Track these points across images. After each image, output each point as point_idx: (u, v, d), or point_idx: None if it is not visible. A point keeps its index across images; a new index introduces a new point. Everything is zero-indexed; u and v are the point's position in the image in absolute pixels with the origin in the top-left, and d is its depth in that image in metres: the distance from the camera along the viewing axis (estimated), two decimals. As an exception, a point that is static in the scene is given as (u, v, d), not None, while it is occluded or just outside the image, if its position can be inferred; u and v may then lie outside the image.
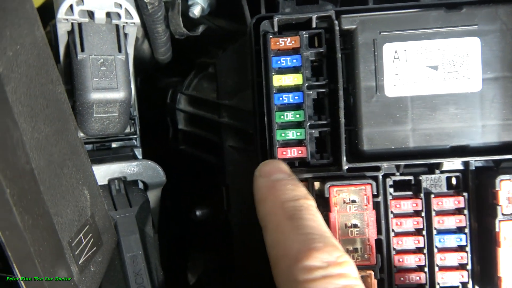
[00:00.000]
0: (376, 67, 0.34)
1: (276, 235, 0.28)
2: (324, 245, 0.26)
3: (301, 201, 0.30)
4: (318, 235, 0.27)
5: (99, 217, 0.30)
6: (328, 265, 0.25)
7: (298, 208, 0.29)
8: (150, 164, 0.38)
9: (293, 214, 0.28)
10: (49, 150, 0.24)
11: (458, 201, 0.34)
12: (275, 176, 0.32)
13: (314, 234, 0.27)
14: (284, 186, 0.31)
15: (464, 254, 0.34)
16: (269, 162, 0.34)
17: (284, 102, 0.35)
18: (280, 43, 0.35)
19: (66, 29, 0.34)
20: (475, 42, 0.34)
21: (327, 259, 0.26)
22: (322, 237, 0.27)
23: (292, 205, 0.29)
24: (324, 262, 0.25)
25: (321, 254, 0.26)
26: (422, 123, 0.34)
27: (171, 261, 0.65)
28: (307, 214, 0.29)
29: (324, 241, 0.27)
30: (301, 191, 0.31)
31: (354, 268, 0.26)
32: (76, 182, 0.27)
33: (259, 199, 0.31)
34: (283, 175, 0.32)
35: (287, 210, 0.29)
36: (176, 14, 0.41)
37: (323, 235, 0.27)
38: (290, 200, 0.30)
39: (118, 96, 0.35)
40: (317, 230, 0.28)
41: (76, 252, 0.27)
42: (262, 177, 0.32)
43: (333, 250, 0.26)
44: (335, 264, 0.26)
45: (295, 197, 0.30)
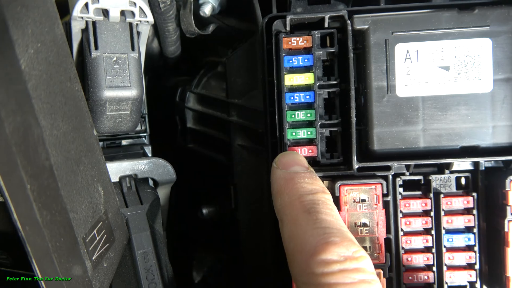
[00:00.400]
0: (388, 67, 0.34)
1: (293, 228, 0.28)
2: (341, 239, 0.26)
3: (319, 195, 0.30)
4: (335, 229, 0.27)
5: (112, 214, 0.30)
6: (345, 259, 0.26)
7: (316, 202, 0.29)
8: (161, 162, 0.38)
9: (311, 207, 0.28)
10: (67, 147, 0.24)
11: (467, 201, 0.35)
12: (293, 169, 0.32)
13: (332, 228, 0.27)
14: (302, 179, 0.31)
15: (472, 254, 0.35)
16: (288, 153, 0.34)
17: (295, 102, 0.35)
18: (292, 42, 0.35)
19: (80, 27, 0.34)
20: (487, 43, 0.34)
21: (344, 253, 0.26)
22: (339, 231, 0.27)
23: (310, 198, 0.29)
24: (341, 256, 0.26)
25: (338, 248, 0.26)
26: (433, 123, 0.34)
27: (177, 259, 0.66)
28: (324, 208, 0.29)
29: (341, 236, 0.27)
30: (318, 185, 0.31)
31: (370, 263, 0.27)
32: (91, 178, 0.27)
33: (277, 191, 0.31)
34: (301, 168, 0.32)
35: (305, 203, 0.29)
36: (188, 13, 0.42)
37: (340, 230, 0.27)
38: (308, 193, 0.30)
39: (131, 94, 0.35)
40: (334, 225, 0.28)
41: (90, 248, 0.27)
42: (280, 169, 0.32)
43: (350, 245, 0.26)
44: (352, 259, 0.26)
45: (313, 190, 0.30)
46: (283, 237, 0.29)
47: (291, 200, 0.29)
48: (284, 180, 0.31)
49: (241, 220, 0.47)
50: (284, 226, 0.29)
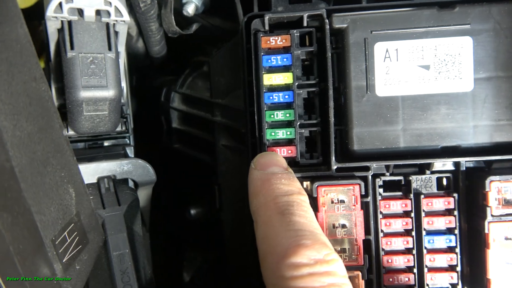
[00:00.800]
0: (367, 66, 0.34)
1: (266, 230, 0.28)
2: (312, 242, 0.26)
3: (294, 197, 0.29)
4: (308, 231, 0.27)
5: (85, 215, 0.30)
6: (315, 263, 0.25)
7: (290, 204, 0.29)
8: (140, 162, 0.38)
9: (285, 209, 0.28)
10: (32, 148, 0.24)
11: (448, 202, 0.34)
12: (270, 169, 0.32)
13: (304, 231, 0.27)
14: (278, 180, 0.30)
15: (454, 256, 0.34)
16: (266, 154, 0.33)
17: (274, 101, 0.35)
18: (270, 41, 0.35)
19: (56, 27, 0.34)
20: (467, 41, 0.33)
21: (315, 256, 0.25)
22: (312, 234, 0.27)
23: (284, 200, 0.29)
24: (311, 260, 0.25)
25: (309, 251, 0.25)
26: (413, 123, 0.34)
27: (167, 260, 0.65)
28: (298, 210, 0.28)
29: (313, 238, 0.26)
30: (295, 186, 0.31)
31: (341, 266, 0.26)
32: (61, 180, 0.27)
33: (252, 192, 0.31)
34: (279, 168, 0.32)
35: (279, 205, 0.29)
36: (169, 12, 0.41)
37: (312, 232, 0.27)
38: (283, 195, 0.29)
39: (108, 95, 0.35)
40: (307, 227, 0.27)
41: (60, 250, 0.27)
42: (257, 169, 0.32)
43: (321, 248, 0.26)
44: (323, 262, 0.25)
45: (289, 192, 0.30)
46: (257, 238, 0.29)
47: (266, 201, 0.29)
48: (261, 181, 0.30)
49: (225, 220, 0.47)
50: (258, 228, 0.29)
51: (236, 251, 0.45)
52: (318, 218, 0.33)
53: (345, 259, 0.33)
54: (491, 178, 0.32)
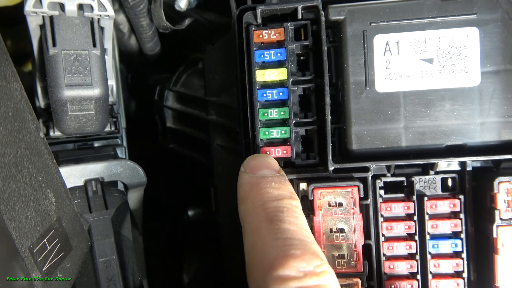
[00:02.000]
0: (366, 60, 0.32)
1: (253, 238, 0.26)
2: (302, 252, 0.24)
3: (284, 201, 0.27)
4: (298, 240, 0.25)
5: (67, 221, 0.29)
6: (304, 275, 0.23)
7: (280, 209, 0.27)
8: (130, 164, 0.36)
9: (274, 215, 0.26)
10: (3, 151, 0.22)
11: (453, 204, 0.32)
12: (261, 173, 0.30)
13: (294, 240, 0.25)
14: (268, 184, 0.28)
15: (460, 261, 0.32)
16: (257, 156, 0.31)
17: (268, 99, 0.33)
18: (263, 35, 0.33)
19: (38, 23, 0.32)
20: (473, 32, 0.31)
21: (304, 268, 0.23)
22: (302, 243, 0.25)
23: (274, 205, 0.27)
24: (300, 272, 0.23)
25: (298, 263, 0.23)
26: (415, 120, 0.32)
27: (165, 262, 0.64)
28: (288, 217, 0.26)
29: (303, 248, 0.24)
30: (286, 190, 0.28)
31: (333, 279, 0.24)
32: (38, 184, 0.25)
33: (241, 197, 0.29)
34: (270, 171, 0.30)
35: (268, 211, 0.27)
36: (158, 7, 0.40)
37: (303, 241, 0.25)
38: (273, 199, 0.27)
39: (93, 93, 0.33)
40: (297, 235, 0.25)
41: (39, 259, 0.26)
42: (247, 173, 0.30)
43: (311, 258, 0.24)
44: (313, 274, 0.23)
45: (279, 196, 0.28)
46: (245, 247, 0.27)
47: (254, 207, 0.27)
48: (250, 185, 0.29)
49: (221, 222, 0.45)
50: (246, 236, 0.27)
51: (233, 254, 0.44)
52: (314, 222, 0.31)
53: (343, 265, 0.31)
54: (500, 179, 0.30)
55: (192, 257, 0.62)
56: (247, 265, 0.26)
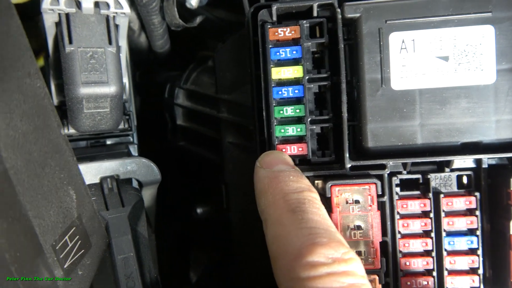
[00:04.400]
0: (382, 58, 0.32)
1: (277, 229, 0.26)
2: (329, 240, 0.24)
3: (305, 193, 0.28)
4: (323, 229, 0.25)
5: (87, 218, 0.29)
6: (333, 262, 0.23)
7: (302, 201, 0.27)
8: (144, 161, 0.36)
9: (296, 207, 0.26)
10: (28, 149, 0.22)
11: (469, 201, 0.32)
12: (277, 167, 0.30)
13: (318, 229, 0.25)
14: (287, 177, 0.29)
15: (475, 258, 0.32)
16: (271, 152, 0.32)
17: (284, 96, 0.33)
18: (279, 33, 0.33)
19: (54, 20, 0.32)
20: (489, 30, 0.31)
21: (332, 255, 0.24)
22: (327, 231, 0.25)
23: (295, 197, 0.27)
24: (329, 258, 0.23)
25: (326, 250, 0.24)
26: (431, 118, 0.32)
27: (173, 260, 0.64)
28: (311, 207, 0.27)
29: (329, 236, 0.25)
30: (304, 183, 0.29)
31: (361, 266, 0.24)
32: (60, 182, 0.25)
33: (260, 191, 0.29)
34: (286, 166, 0.30)
35: (290, 202, 0.27)
36: (171, 5, 0.39)
37: (327, 230, 0.25)
38: (293, 192, 0.28)
39: (109, 91, 0.33)
40: (321, 225, 0.26)
41: (61, 256, 0.26)
42: (263, 168, 0.30)
43: (338, 246, 0.24)
44: (341, 261, 0.24)
45: (298, 189, 0.28)
46: (267, 239, 0.27)
47: (275, 199, 0.27)
48: (268, 179, 0.29)
49: (233, 220, 0.45)
50: (268, 227, 0.27)
51: (244, 252, 0.44)
52: (332, 219, 0.31)
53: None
54: (516, 176, 0.30)
55: (199, 255, 0.62)
56: (272, 255, 0.26)
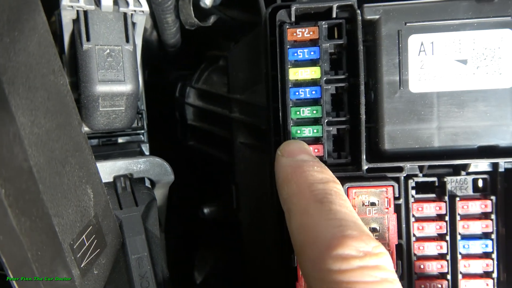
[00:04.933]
0: (400, 60, 0.32)
1: (304, 219, 0.25)
2: (359, 233, 0.24)
3: (331, 184, 0.27)
4: (351, 222, 0.25)
5: (103, 217, 0.28)
6: (364, 255, 0.23)
7: (328, 192, 0.26)
8: (158, 160, 0.36)
9: (323, 197, 0.26)
10: (50, 146, 0.22)
11: (485, 205, 0.32)
12: (300, 157, 0.30)
13: (347, 221, 0.24)
14: (311, 167, 0.28)
15: (490, 262, 0.32)
16: (293, 142, 0.31)
17: (301, 97, 0.33)
18: (297, 34, 0.33)
19: (71, 17, 0.32)
20: (508, 34, 0.31)
21: (364, 248, 0.23)
22: (356, 224, 0.25)
23: (321, 187, 0.27)
24: (360, 252, 0.23)
25: (357, 243, 0.23)
26: (448, 121, 0.32)
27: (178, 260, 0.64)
28: (338, 199, 0.26)
29: (359, 229, 0.24)
30: (329, 174, 0.28)
31: (390, 261, 0.24)
32: (79, 180, 0.25)
33: (283, 180, 0.28)
34: (308, 156, 0.30)
35: (316, 193, 0.26)
36: (187, 4, 0.39)
37: (356, 223, 0.25)
38: (319, 182, 0.27)
39: (125, 89, 0.33)
40: (350, 217, 0.25)
41: (78, 255, 0.25)
42: (285, 157, 0.30)
43: (369, 240, 0.24)
44: (372, 255, 0.23)
45: (324, 179, 0.27)
46: (291, 229, 0.26)
47: (300, 189, 0.27)
48: (291, 168, 0.28)
49: (243, 220, 0.45)
50: (292, 217, 0.26)
51: (256, 252, 0.44)
52: (348, 221, 0.31)
53: (376, 265, 0.31)
54: (534, 181, 0.30)
55: (206, 255, 0.62)
56: (297, 246, 0.25)
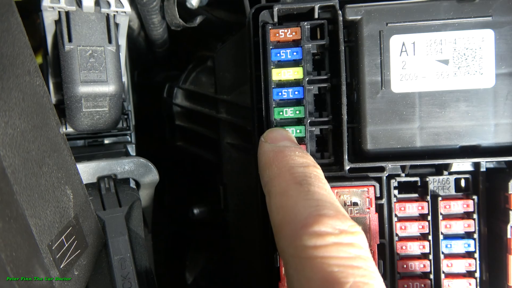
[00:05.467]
0: (382, 60, 0.32)
1: (283, 200, 0.26)
2: (335, 212, 0.24)
3: (311, 168, 0.28)
4: (329, 202, 0.25)
5: (84, 218, 0.28)
6: (340, 232, 0.23)
7: (308, 175, 0.27)
8: (142, 161, 0.36)
9: (302, 179, 0.26)
10: (26, 147, 0.22)
11: (467, 205, 0.32)
12: (282, 143, 0.30)
13: (325, 202, 0.25)
14: (292, 152, 0.29)
15: (472, 261, 0.32)
16: (276, 129, 0.32)
17: (284, 98, 0.33)
18: (280, 34, 0.33)
19: (53, 18, 0.32)
20: (488, 34, 0.31)
21: (339, 226, 0.24)
22: (333, 205, 0.25)
23: (301, 171, 0.27)
24: (336, 229, 0.23)
25: (333, 221, 0.24)
26: (430, 121, 0.32)
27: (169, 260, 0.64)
28: (317, 182, 0.27)
29: (336, 209, 0.25)
30: (309, 159, 0.29)
31: (365, 240, 0.25)
32: (57, 181, 0.25)
33: (265, 163, 0.29)
34: (291, 143, 0.30)
35: (296, 175, 0.27)
36: (172, 4, 0.39)
37: (333, 204, 0.25)
38: (299, 166, 0.28)
39: (108, 90, 0.33)
40: (328, 198, 0.26)
41: (57, 256, 0.25)
42: (268, 143, 0.30)
43: (345, 219, 0.24)
44: (347, 232, 0.24)
45: (304, 163, 0.28)
46: (270, 210, 0.27)
47: (281, 172, 0.27)
48: (273, 153, 0.29)
49: (230, 221, 0.45)
50: (272, 198, 0.27)
51: (243, 252, 0.44)
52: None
53: (358, 264, 0.31)
54: (515, 180, 0.30)
55: (196, 255, 0.62)
56: (276, 225, 0.26)
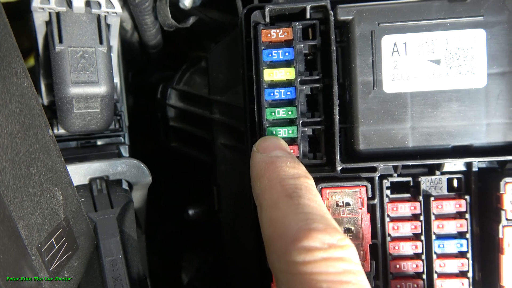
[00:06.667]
0: (374, 60, 0.32)
1: (274, 213, 0.26)
2: (324, 226, 0.24)
3: (301, 180, 0.28)
4: (319, 215, 0.25)
5: (75, 220, 0.28)
6: (329, 247, 0.23)
7: (298, 187, 0.27)
8: (135, 162, 0.36)
9: (293, 192, 0.26)
10: (13, 149, 0.22)
11: (459, 205, 0.32)
12: (274, 153, 0.30)
13: (315, 214, 0.25)
14: (283, 162, 0.29)
15: (465, 261, 0.32)
16: (269, 138, 0.32)
17: (276, 98, 0.33)
18: (271, 34, 0.33)
19: (44, 19, 0.32)
20: (480, 34, 0.31)
21: (328, 240, 0.24)
22: (323, 218, 0.25)
23: (292, 182, 0.27)
24: (325, 244, 0.23)
25: (322, 235, 0.24)
26: (422, 121, 0.32)
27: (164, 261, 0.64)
28: (307, 194, 0.27)
29: (325, 222, 0.25)
30: (301, 169, 0.29)
31: (355, 253, 0.25)
32: (47, 183, 0.25)
33: (256, 175, 0.29)
34: (283, 152, 0.30)
35: (286, 187, 0.27)
36: (164, 5, 0.39)
37: (323, 216, 0.25)
38: (290, 177, 0.28)
39: (99, 91, 0.33)
40: (318, 211, 0.26)
41: (47, 258, 0.25)
42: (260, 152, 0.30)
43: (334, 232, 0.24)
44: (337, 247, 0.24)
45: (295, 175, 0.28)
46: (261, 223, 0.27)
47: (272, 184, 0.27)
48: (265, 164, 0.29)
49: (224, 222, 0.45)
50: (263, 211, 0.27)
51: (237, 253, 0.44)
52: (322, 222, 0.31)
53: (350, 265, 0.31)
54: (506, 180, 0.30)
55: (191, 256, 0.62)
56: (267, 239, 0.26)
